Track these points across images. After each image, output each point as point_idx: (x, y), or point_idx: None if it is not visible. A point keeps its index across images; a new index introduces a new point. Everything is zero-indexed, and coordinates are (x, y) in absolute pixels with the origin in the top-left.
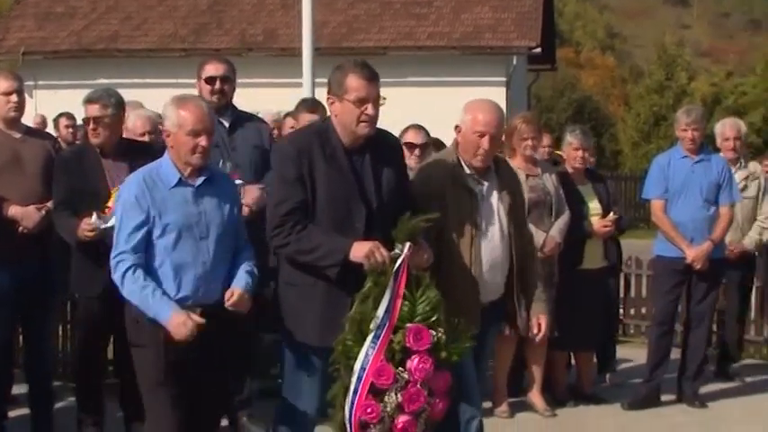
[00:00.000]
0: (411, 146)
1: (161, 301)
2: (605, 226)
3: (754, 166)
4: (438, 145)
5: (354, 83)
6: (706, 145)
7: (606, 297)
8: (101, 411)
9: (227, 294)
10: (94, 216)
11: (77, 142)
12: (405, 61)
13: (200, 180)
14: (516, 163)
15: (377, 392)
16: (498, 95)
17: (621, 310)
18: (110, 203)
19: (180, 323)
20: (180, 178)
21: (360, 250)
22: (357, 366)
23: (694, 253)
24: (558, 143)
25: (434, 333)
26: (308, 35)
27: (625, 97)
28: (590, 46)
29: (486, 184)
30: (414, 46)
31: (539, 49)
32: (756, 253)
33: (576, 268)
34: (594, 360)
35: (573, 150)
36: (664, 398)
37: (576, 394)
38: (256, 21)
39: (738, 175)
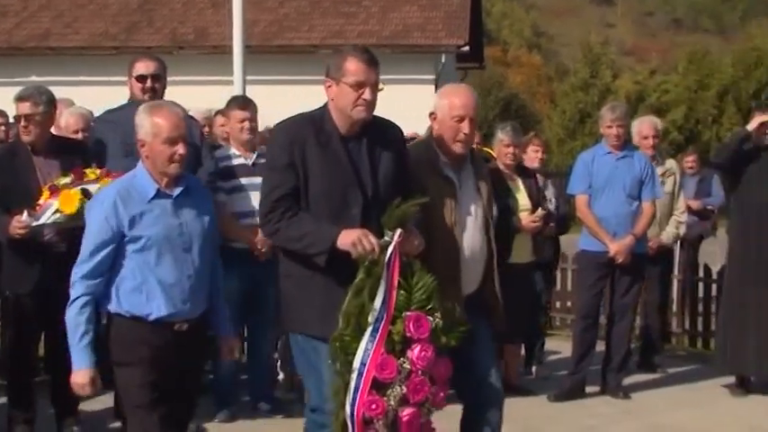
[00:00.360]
0: None
1: (84, 349)
2: (533, 221)
3: (670, 162)
4: None
5: (353, 66)
6: (629, 142)
7: (532, 291)
8: (32, 409)
9: (227, 350)
10: (25, 214)
11: (9, 140)
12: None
13: (178, 190)
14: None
15: (379, 387)
16: (427, 93)
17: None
18: (41, 201)
19: (84, 383)
20: (158, 189)
21: (346, 238)
22: (356, 363)
23: (617, 247)
24: (486, 140)
25: (432, 319)
26: (239, 33)
27: (551, 95)
28: (517, 45)
29: (462, 172)
30: (343, 44)
31: (467, 48)
32: (678, 246)
33: (503, 263)
34: (522, 353)
35: (504, 147)
36: (588, 389)
37: (504, 386)
38: (187, 19)
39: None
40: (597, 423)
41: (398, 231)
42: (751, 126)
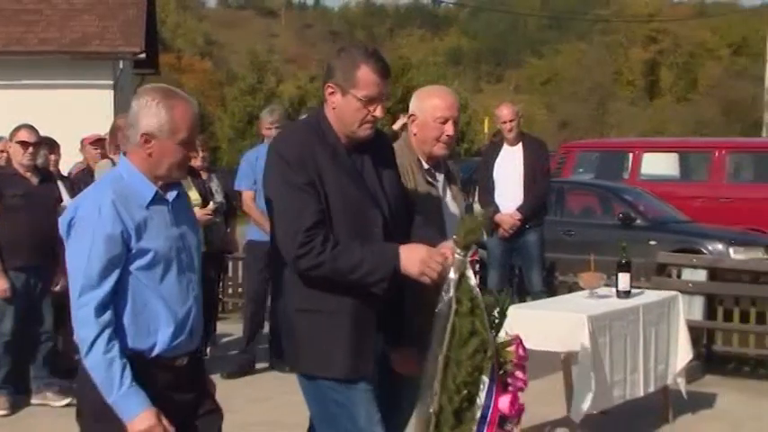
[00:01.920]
0: (24, 144)
1: (132, 391)
2: (206, 214)
3: None
4: (51, 143)
5: (367, 77)
6: None
7: (207, 279)
8: None
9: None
10: None
11: None
12: (17, 64)
13: (172, 194)
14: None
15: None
16: (107, 98)
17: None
18: None
19: (153, 425)
20: (156, 192)
21: (412, 261)
22: (479, 406)
23: None
24: None
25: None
26: None
27: (222, 98)
28: (190, 52)
29: (441, 176)
30: (24, 51)
31: (143, 55)
32: None
33: None
34: None
35: None
36: (258, 366)
37: None
38: None
39: None
40: (267, 395)
41: (473, 248)
42: (396, 126)
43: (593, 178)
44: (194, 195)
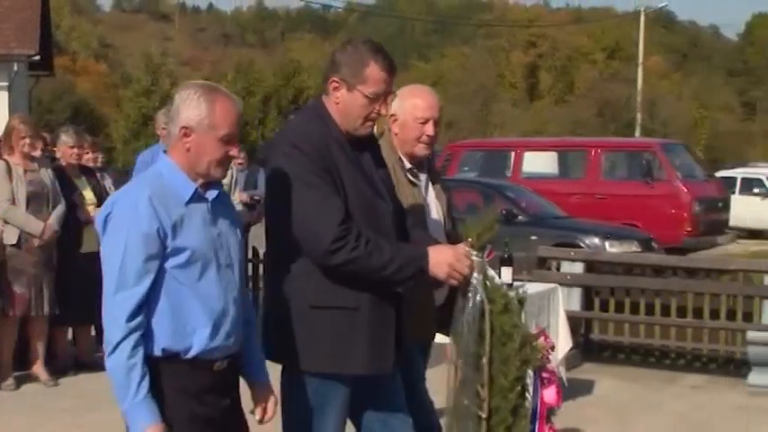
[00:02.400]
0: None
1: (146, 401)
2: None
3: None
4: None
5: (376, 74)
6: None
7: (102, 277)
8: None
9: (264, 401)
10: None
11: None
12: None
13: (213, 193)
14: (15, 160)
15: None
16: (1, 99)
17: None
18: None
19: None
20: (196, 190)
21: (440, 262)
22: (529, 401)
23: None
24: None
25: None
26: None
27: (117, 100)
28: (85, 55)
29: (423, 176)
30: None
31: (38, 57)
32: None
33: (75, 251)
34: (93, 333)
35: (68, 148)
36: None
37: (77, 364)
38: None
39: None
40: None
41: (488, 249)
42: None
43: (478, 176)
44: (89, 195)
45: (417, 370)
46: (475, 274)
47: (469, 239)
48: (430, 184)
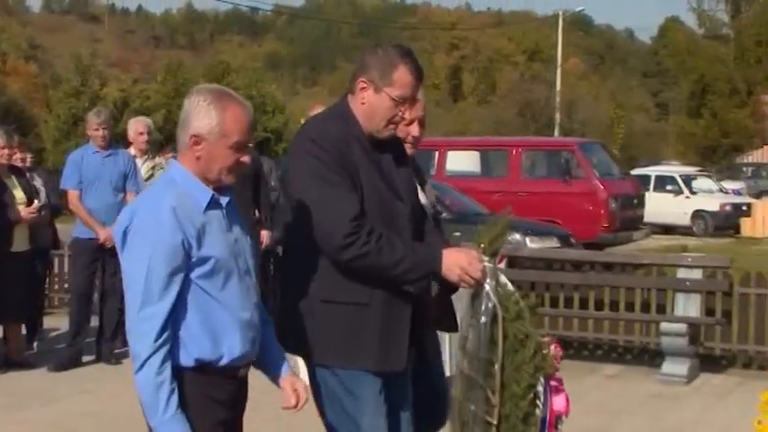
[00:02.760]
0: None
1: (175, 416)
2: (31, 213)
3: (158, 158)
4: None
5: (405, 78)
6: (116, 141)
7: (33, 275)
8: None
9: (294, 392)
10: None
11: None
12: None
13: (226, 199)
14: None
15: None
16: None
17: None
18: None
19: None
20: (212, 196)
21: (453, 265)
22: (539, 408)
23: (105, 234)
24: None
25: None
26: None
27: (47, 101)
28: (15, 56)
29: None
30: None
31: None
32: None
33: (5, 250)
34: (24, 331)
35: None
36: (85, 359)
37: (8, 362)
38: None
39: (146, 166)
40: (93, 387)
41: (500, 254)
42: None
43: None
44: (19, 194)
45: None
46: (488, 280)
47: (482, 245)
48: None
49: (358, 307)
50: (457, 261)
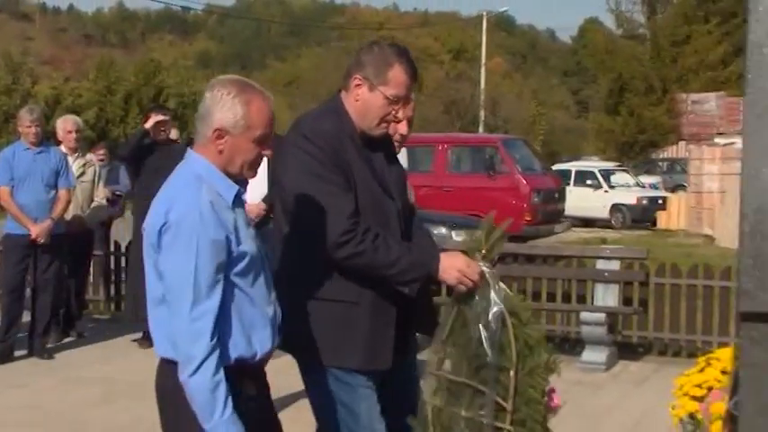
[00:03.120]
0: None
1: (232, 417)
2: None
3: (89, 156)
4: None
5: (400, 77)
6: (47, 138)
7: None
8: None
9: None
10: None
11: None
12: None
13: (245, 194)
14: None
15: None
16: None
17: None
18: None
19: None
20: (238, 191)
21: (451, 269)
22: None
23: (37, 230)
24: None
25: None
26: None
27: None
28: None
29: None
30: None
31: None
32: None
33: None
34: None
35: None
36: (17, 354)
37: None
38: None
39: (77, 163)
40: (25, 381)
41: (496, 259)
42: (148, 124)
43: None
44: None
45: None
46: (496, 286)
47: (482, 251)
48: None
49: (347, 305)
50: (455, 264)
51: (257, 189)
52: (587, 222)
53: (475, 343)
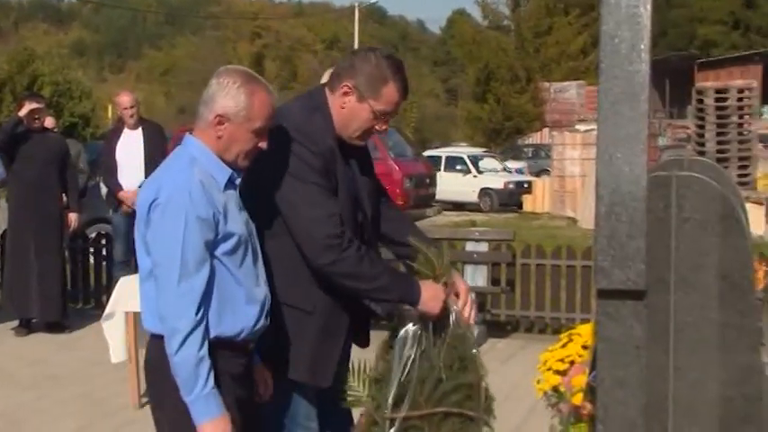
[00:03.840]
0: None
1: (212, 391)
2: None
3: None
4: None
5: (392, 96)
6: None
7: None
8: None
9: (263, 388)
10: None
11: None
12: None
13: (238, 178)
14: None
15: None
16: None
17: None
18: None
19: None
20: (231, 174)
21: (433, 300)
22: None
23: None
24: None
25: None
26: None
27: None
28: None
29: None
30: None
31: None
32: None
33: None
34: None
35: None
36: None
37: None
38: None
39: None
40: None
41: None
42: (22, 112)
43: None
44: None
45: None
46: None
47: (437, 274)
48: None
49: (301, 313)
50: (438, 295)
51: (134, 176)
52: (457, 206)
53: (437, 371)
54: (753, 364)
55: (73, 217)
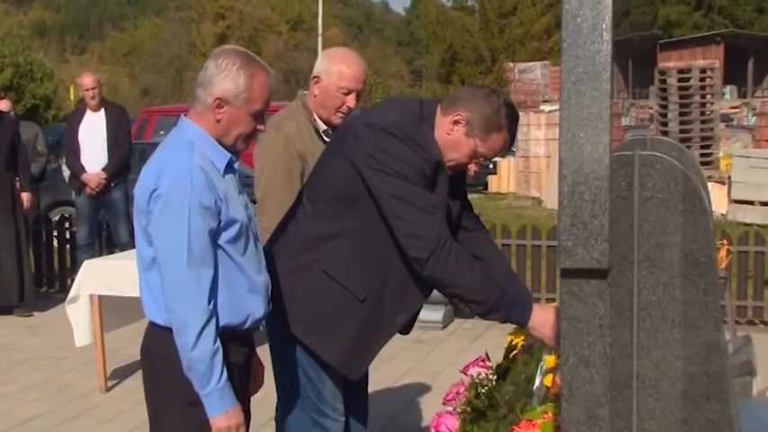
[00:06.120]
0: None
1: (226, 383)
2: None
3: None
4: None
5: (498, 144)
6: None
7: None
8: None
9: (254, 382)
10: None
11: None
12: None
13: (236, 162)
14: None
15: None
16: None
17: None
18: None
19: (240, 422)
20: (230, 159)
21: (547, 328)
22: None
23: None
24: None
25: None
26: None
27: None
28: None
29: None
30: None
31: None
32: None
33: None
34: None
35: None
36: None
37: None
38: None
39: None
40: None
41: None
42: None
43: None
44: None
45: None
46: None
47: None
48: None
49: (351, 297)
50: (551, 321)
51: (97, 158)
52: None
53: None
54: (716, 342)
55: (26, 197)
